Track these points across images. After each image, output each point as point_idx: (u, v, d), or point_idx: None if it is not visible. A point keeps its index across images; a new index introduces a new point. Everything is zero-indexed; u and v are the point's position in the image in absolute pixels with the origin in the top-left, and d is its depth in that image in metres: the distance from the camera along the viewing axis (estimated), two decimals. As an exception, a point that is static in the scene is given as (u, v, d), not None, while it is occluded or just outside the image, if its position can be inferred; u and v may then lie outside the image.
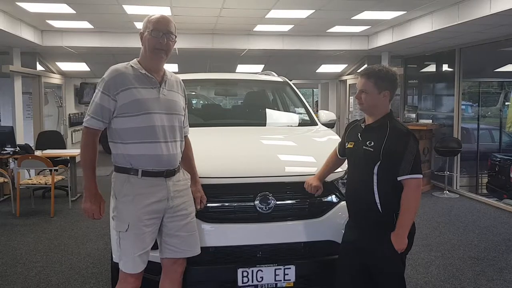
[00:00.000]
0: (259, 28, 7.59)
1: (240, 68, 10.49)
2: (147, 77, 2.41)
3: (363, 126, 2.55)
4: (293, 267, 2.70)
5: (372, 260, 2.47)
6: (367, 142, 2.45)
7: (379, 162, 2.39)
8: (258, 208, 2.71)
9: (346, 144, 2.62)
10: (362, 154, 2.46)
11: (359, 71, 2.56)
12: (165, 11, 6.13)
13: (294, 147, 3.67)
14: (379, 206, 2.41)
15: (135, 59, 2.48)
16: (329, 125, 4.26)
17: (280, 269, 2.68)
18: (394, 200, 2.39)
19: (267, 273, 2.67)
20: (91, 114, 2.36)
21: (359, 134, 2.54)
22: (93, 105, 2.36)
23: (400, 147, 2.36)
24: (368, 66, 2.56)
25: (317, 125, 4.19)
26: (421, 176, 2.39)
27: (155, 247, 2.50)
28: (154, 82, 2.43)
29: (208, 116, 4.60)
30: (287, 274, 2.69)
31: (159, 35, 2.37)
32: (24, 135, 8.24)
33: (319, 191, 2.73)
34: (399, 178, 2.37)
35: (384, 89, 2.44)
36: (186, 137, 2.67)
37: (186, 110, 2.68)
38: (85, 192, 2.43)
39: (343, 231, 2.67)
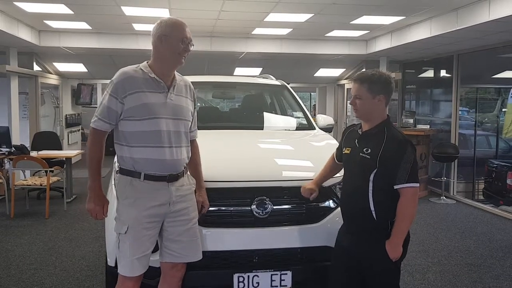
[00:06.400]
0: (257, 31, 7.58)
1: (238, 71, 10.47)
2: (156, 81, 2.39)
3: (360, 132, 2.52)
4: (289, 273, 2.68)
5: (366, 267, 2.44)
6: (364, 149, 2.42)
7: (375, 170, 2.37)
8: (255, 213, 2.69)
9: (343, 150, 2.59)
10: (359, 161, 2.43)
11: (353, 76, 2.54)
12: (164, 13, 6.10)
13: (292, 151, 3.65)
14: (373, 214, 2.38)
15: (145, 62, 2.45)
16: (327, 129, 4.25)
17: (277, 274, 2.66)
18: (389, 208, 2.36)
19: (263, 278, 2.65)
20: (98, 115, 2.36)
21: (356, 140, 2.51)
22: (101, 107, 2.37)
23: (397, 155, 2.33)
24: (362, 71, 2.53)
25: (315, 129, 4.17)
26: (418, 184, 2.36)
27: (155, 250, 2.48)
28: (163, 87, 2.41)
29: (205, 119, 4.57)
30: (284, 280, 2.67)
31: (187, 42, 2.39)
32: (20, 136, 8.18)
33: (313, 194, 2.70)
34: (395, 187, 2.34)
35: (378, 93, 2.41)
36: (194, 141, 2.66)
37: (195, 113, 2.66)
38: (90, 192, 2.43)
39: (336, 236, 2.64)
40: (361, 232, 2.44)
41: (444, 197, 7.50)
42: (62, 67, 10.04)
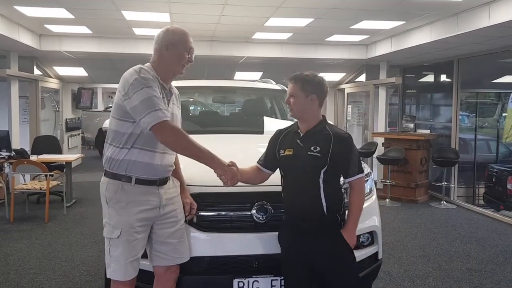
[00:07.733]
0: (258, 35, 7.59)
1: (238, 75, 10.48)
2: (163, 87, 2.41)
3: (301, 133, 2.52)
4: (289, 278, 2.66)
5: (322, 261, 2.44)
6: (312, 148, 2.43)
7: (326, 167, 2.41)
8: (254, 218, 2.68)
9: (282, 152, 2.54)
10: (307, 160, 2.43)
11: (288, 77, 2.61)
12: (165, 18, 6.12)
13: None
14: (325, 209, 2.43)
15: (149, 64, 2.42)
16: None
17: (277, 280, 2.64)
18: (337, 201, 2.48)
19: (263, 283, 2.64)
20: (159, 107, 2.23)
21: (298, 141, 2.51)
22: (149, 100, 2.22)
23: (347, 150, 2.45)
24: (297, 72, 2.57)
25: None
26: (364, 174, 2.51)
27: (145, 255, 2.48)
28: (167, 94, 2.44)
29: (206, 123, 4.57)
30: (283, 285, 2.65)
31: (191, 52, 2.45)
32: (20, 140, 8.17)
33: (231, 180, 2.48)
34: (348, 180, 2.47)
35: (310, 93, 2.47)
36: None
37: None
38: (210, 162, 2.42)
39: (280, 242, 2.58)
40: (312, 229, 2.45)
41: (444, 202, 7.48)
42: (63, 71, 10.05)
